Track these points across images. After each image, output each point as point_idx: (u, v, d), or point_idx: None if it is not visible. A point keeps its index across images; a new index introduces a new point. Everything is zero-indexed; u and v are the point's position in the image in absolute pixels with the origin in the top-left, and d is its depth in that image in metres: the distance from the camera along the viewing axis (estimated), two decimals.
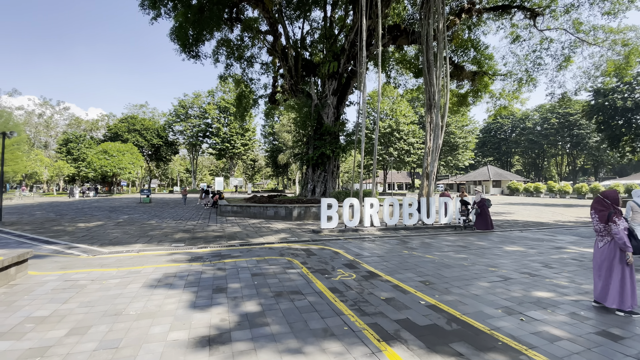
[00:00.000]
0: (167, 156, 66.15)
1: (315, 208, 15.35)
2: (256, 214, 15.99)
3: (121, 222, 13.73)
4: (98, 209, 21.21)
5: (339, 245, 8.87)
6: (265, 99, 31.48)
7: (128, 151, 49.96)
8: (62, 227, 11.98)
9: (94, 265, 6.44)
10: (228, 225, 12.93)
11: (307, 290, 5.04)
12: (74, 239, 9.54)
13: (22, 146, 37.53)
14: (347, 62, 20.06)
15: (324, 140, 20.20)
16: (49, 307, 4.17)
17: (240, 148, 60.79)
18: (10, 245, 8.36)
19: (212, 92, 62.64)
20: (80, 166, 47.96)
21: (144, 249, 8.08)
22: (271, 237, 10.03)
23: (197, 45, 22.27)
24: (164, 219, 15.04)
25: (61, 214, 17.64)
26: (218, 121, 61.20)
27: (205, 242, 9.22)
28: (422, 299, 4.71)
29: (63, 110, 61.65)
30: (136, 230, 11.50)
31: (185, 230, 11.43)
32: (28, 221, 13.72)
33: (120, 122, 61.19)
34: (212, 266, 6.42)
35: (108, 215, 16.94)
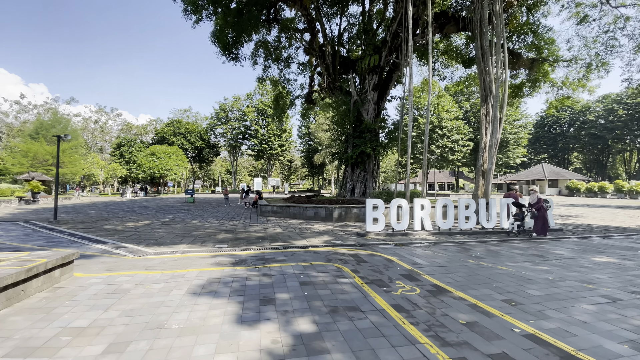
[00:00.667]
0: (209, 158, 69.00)
1: (357, 209, 14.58)
2: (296, 215, 15.57)
3: (167, 222, 14.02)
4: (146, 208, 22.23)
5: (391, 251, 8.03)
6: (301, 99, 31.28)
7: (174, 153, 52.74)
8: (113, 226, 12.42)
9: (138, 267, 6.26)
10: (269, 226, 12.61)
11: (366, 306, 4.32)
12: (122, 238, 9.71)
13: (79, 150, 41.07)
14: (389, 55, 19.00)
15: (364, 138, 19.33)
16: (89, 316, 3.89)
17: (278, 149, 61.64)
18: (61, 244, 8.64)
19: (251, 95, 64.24)
20: (132, 168, 51.52)
21: (188, 250, 7.89)
22: (314, 240, 9.45)
23: (236, 48, 22.56)
24: (207, 219, 15.16)
25: (113, 213, 18.64)
26: (256, 123, 62.61)
27: (248, 243, 8.87)
28: (514, 325, 3.78)
29: (116, 117, 66.98)
30: (180, 229, 11.56)
31: (228, 231, 11.26)
32: (82, 220, 14.51)
33: (166, 126, 64.97)
34: (257, 271, 5.94)
35: (155, 214, 17.55)
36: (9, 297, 4.09)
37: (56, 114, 45.46)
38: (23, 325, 3.57)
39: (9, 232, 10.67)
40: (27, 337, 3.28)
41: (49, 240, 9.12)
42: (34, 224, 12.71)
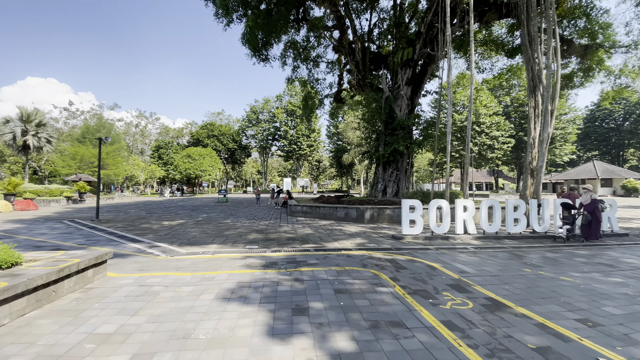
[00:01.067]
0: (241, 159, 70.77)
1: (390, 210, 13.88)
2: (326, 215, 15.17)
3: (200, 221, 14.20)
4: (182, 207, 22.94)
5: (432, 257, 7.35)
6: (330, 99, 30.92)
7: (208, 155, 54.59)
8: (149, 225, 12.75)
9: (170, 267, 6.15)
10: (299, 227, 12.30)
11: (412, 322, 3.78)
12: (157, 237, 9.83)
13: (121, 152, 43.67)
14: (423, 47, 18.04)
15: (397, 135, 18.53)
16: (117, 321, 3.71)
17: (306, 149, 61.79)
18: (99, 242, 8.88)
19: (280, 97, 64.99)
20: (169, 169, 54.02)
21: (219, 251, 7.74)
22: (347, 242, 8.97)
23: (266, 49, 22.67)
24: (238, 218, 15.21)
25: (151, 212, 19.36)
26: (286, 124, 63.23)
27: (278, 244, 8.59)
28: (598, 353, 3.08)
29: (155, 121, 70.62)
30: (213, 229, 11.58)
31: (259, 231, 11.10)
32: (121, 219, 15.11)
33: (201, 129, 67.50)
34: (289, 275, 5.59)
35: (190, 214, 17.96)
36: (39, 299, 4.04)
37: (101, 119, 48.76)
38: (49, 329, 3.45)
39: (54, 230, 11.26)
40: (50, 343, 3.13)
41: (89, 239, 9.43)
42: (78, 223, 13.39)
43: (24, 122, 36.99)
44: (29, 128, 37.15)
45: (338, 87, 28.47)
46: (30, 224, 13.02)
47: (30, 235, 9.94)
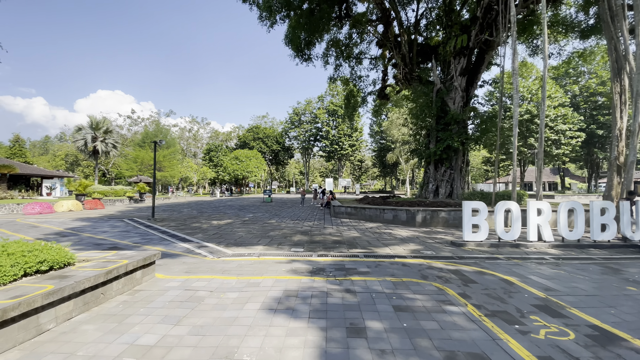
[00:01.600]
0: (284, 160, 72.16)
1: (445, 213, 12.69)
2: (372, 217, 14.38)
3: (246, 221, 14.29)
4: (230, 207, 23.64)
5: (504, 268, 6.30)
6: (374, 96, 29.91)
7: (254, 157, 56.43)
8: (199, 224, 13.07)
9: (216, 270, 5.94)
10: (344, 229, 11.71)
11: (499, 355, 2.99)
12: (206, 237, 9.91)
13: (176, 155, 46.81)
14: (479, 33, 16.42)
15: (450, 130, 17.08)
16: (159, 330, 3.44)
17: (348, 149, 60.99)
18: (152, 241, 9.12)
19: (322, 97, 65.04)
20: (219, 171, 56.79)
21: (264, 253, 7.46)
22: (399, 248, 8.18)
23: (308, 48, 22.52)
24: (283, 219, 15.07)
25: (202, 211, 20.14)
26: (327, 124, 63.10)
27: (324, 248, 8.09)
28: None
29: (206, 125, 74.94)
30: (258, 229, 11.47)
31: (303, 232, 10.72)
32: (175, 218, 15.79)
33: (247, 132, 70.12)
34: (338, 285, 5.03)
35: (237, 213, 18.32)
36: (87, 301, 3.95)
37: (158, 125, 52.82)
38: (92, 337, 3.28)
39: (114, 228, 11.99)
40: (90, 355, 2.91)
41: (144, 237, 9.79)
42: (136, 221, 14.21)
43: (93, 130, 41.30)
44: (97, 135, 41.38)
45: (382, 83, 27.39)
46: (95, 222, 14.10)
47: (93, 233, 10.63)
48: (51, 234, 10.43)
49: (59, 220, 14.99)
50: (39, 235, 10.25)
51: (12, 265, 3.72)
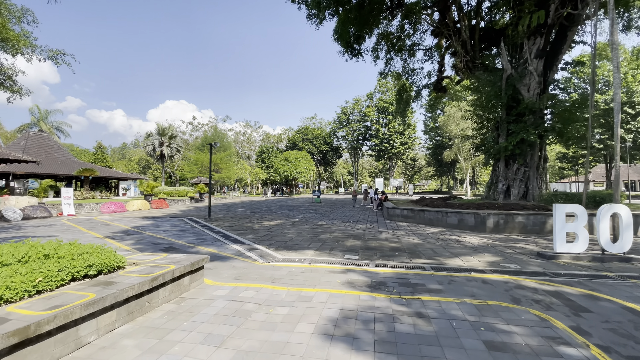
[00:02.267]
0: (333, 160, 71.92)
1: (523, 217, 10.91)
2: (433, 221, 13.02)
3: (296, 222, 13.95)
4: (281, 207, 23.79)
5: (623, 291, 4.83)
6: (429, 89, 27.89)
7: (302, 157, 57.08)
8: (251, 225, 13.04)
9: (265, 277, 5.47)
10: (402, 234, 10.65)
11: None
12: (257, 238, 9.67)
13: (232, 158, 49.14)
14: (561, 7, 14.01)
15: (524, 122, 14.88)
16: (199, 354, 2.96)
17: (400, 147, 58.39)
18: (206, 242, 9.10)
19: (371, 95, 63.34)
20: (270, 172, 58.52)
21: (316, 259, 6.85)
22: (473, 260, 6.96)
23: (358, 43, 21.71)
24: (333, 221, 14.45)
25: (254, 211, 20.47)
26: (377, 122, 61.26)
27: (382, 256, 7.22)
28: None
29: (258, 129, 77.98)
30: (309, 231, 10.98)
31: (356, 236, 9.94)
32: (229, 218, 16.10)
33: (296, 133, 71.33)
34: (406, 306, 4.17)
35: (287, 214, 18.20)
36: (131, 311, 3.67)
37: (216, 129, 56.12)
38: (130, 355, 2.92)
39: (173, 227, 12.45)
40: None
41: (198, 237, 9.88)
42: (194, 220, 14.73)
43: (160, 136, 45.24)
44: (164, 140, 45.24)
45: (438, 74, 25.34)
46: (158, 221, 14.93)
47: (154, 232, 11.09)
48: (118, 232, 11.11)
49: (128, 218, 16.22)
50: (108, 233, 10.99)
51: (60, 269, 3.56)
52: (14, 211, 15.53)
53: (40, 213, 16.78)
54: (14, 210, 15.55)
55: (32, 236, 10.20)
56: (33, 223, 14.27)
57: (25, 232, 11.12)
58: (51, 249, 3.85)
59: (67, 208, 18.28)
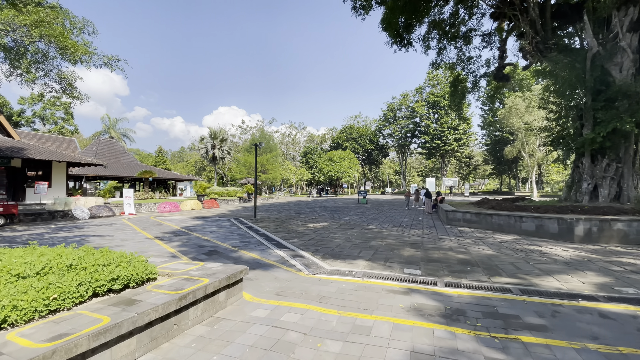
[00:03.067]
0: (378, 159, 69.70)
1: (624, 224, 8.83)
2: (503, 227, 11.23)
3: (343, 225, 13.08)
4: (326, 208, 23.11)
5: None
6: (487, 79, 25.15)
7: (347, 157, 56.03)
8: (296, 227, 12.45)
9: (312, 295, 4.67)
10: (468, 242, 9.18)
11: None
12: (301, 243, 8.98)
13: (278, 159, 49.90)
14: None
15: (615, 108, 12.30)
16: None
17: (453, 144, 54.27)
18: (249, 245, 8.61)
19: (420, 89, 60.00)
20: (314, 172, 58.44)
21: (369, 272, 5.89)
22: (572, 280, 5.45)
23: (408, 31, 20.21)
24: (383, 224, 13.31)
25: (299, 212, 20.04)
26: (427, 118, 57.78)
27: (450, 271, 6.01)
28: None
29: (302, 130, 78.63)
30: (357, 236, 10.03)
31: (413, 244, 8.74)
32: (274, 219, 15.76)
33: (340, 133, 70.47)
34: (502, 351, 3.04)
35: (333, 215, 17.42)
36: (155, 336, 3.09)
37: (263, 132, 57.57)
38: None
39: (220, 228, 12.35)
40: None
41: (243, 240, 9.49)
42: (240, 221, 14.63)
43: (212, 139, 47.53)
44: (215, 143, 47.45)
45: (499, 61, 22.64)
46: (207, 221, 15.10)
47: (201, 233, 11.02)
48: (168, 233, 11.24)
49: (180, 218, 16.74)
50: (158, 233, 11.16)
51: (80, 283, 3.10)
52: (82, 210, 16.89)
53: (105, 212, 18.09)
54: (82, 210, 16.91)
55: (91, 235, 10.71)
56: (97, 222, 15.31)
57: (87, 231, 11.79)
58: (76, 257, 3.44)
59: (128, 208, 19.54)
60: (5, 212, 13.75)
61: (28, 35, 9.02)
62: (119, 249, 8.42)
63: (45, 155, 19.39)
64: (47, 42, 9.33)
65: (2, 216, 13.69)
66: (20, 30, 9.15)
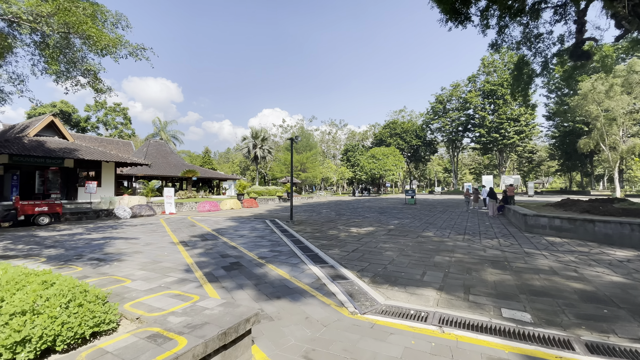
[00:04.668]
0: (426, 156, 65.26)
1: None
2: (612, 238, 8.39)
3: (393, 231, 11.06)
4: (369, 209, 21.09)
5: None
6: (561, 57, 21.07)
7: (391, 154, 52.95)
8: (336, 232, 10.72)
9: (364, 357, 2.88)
10: (572, 260, 6.68)
11: None
12: (343, 255, 7.22)
13: (318, 157, 48.58)
14: None
15: None
16: None
17: (514, 137, 48.27)
18: (280, 256, 7.05)
19: (474, 77, 54.61)
20: (356, 170, 56.23)
21: (448, 314, 3.93)
22: None
23: (465, 4, 17.35)
24: (442, 230, 11.03)
25: (340, 213, 18.29)
26: (482, 109, 52.32)
27: (575, 314, 3.84)
28: None
29: (343, 127, 76.65)
30: (414, 247, 8.00)
31: (495, 263, 6.49)
32: (312, 221, 14.18)
33: (383, 129, 67.26)
34: None
35: (378, 218, 15.42)
36: None
37: (303, 130, 56.78)
38: None
39: (253, 232, 11.06)
40: None
41: (273, 249, 8.00)
42: (276, 223, 13.29)
43: (254, 138, 47.72)
44: (257, 142, 47.58)
45: (577, 36, 18.68)
46: (242, 222, 14.02)
47: (230, 237, 9.79)
48: (196, 236, 10.20)
49: (216, 218, 15.95)
50: (186, 236, 10.17)
51: None
52: (124, 210, 16.87)
53: (146, 211, 18.01)
54: (124, 209, 16.90)
55: (118, 238, 10.02)
56: (135, 221, 15.04)
57: (118, 232, 11.24)
58: None
59: (169, 207, 19.37)
60: (50, 211, 13.93)
61: (49, 24, 8.45)
62: (136, 255, 7.49)
63: (95, 155, 19.96)
64: (66, 31, 8.70)
65: (47, 215, 13.87)
66: (43, 20, 8.60)
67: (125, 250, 7.88)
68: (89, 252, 7.78)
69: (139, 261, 6.71)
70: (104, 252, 7.68)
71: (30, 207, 13.43)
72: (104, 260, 6.85)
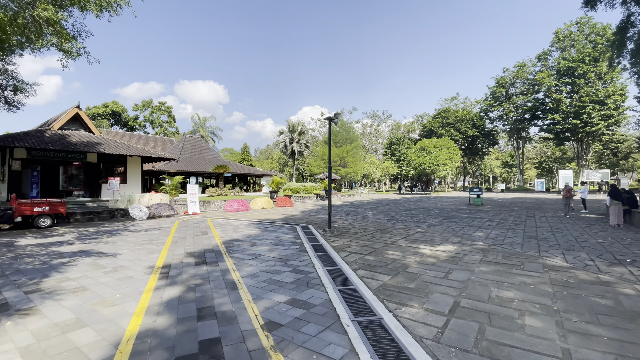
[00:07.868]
0: (484, 149, 57.81)
1: None
2: None
3: (488, 253, 7.10)
4: (427, 211, 16.95)
5: None
6: None
7: (444, 146, 47.07)
8: (400, 255, 7.01)
9: None
10: None
11: None
12: (426, 312, 3.58)
13: (359, 151, 44.53)
14: None
15: None
16: None
17: (599, 123, 39.63)
18: (303, 325, 3.50)
19: (544, 55, 46.34)
20: (402, 165, 51.13)
21: None
22: None
23: None
24: (570, 253, 6.82)
25: (391, 216, 14.52)
26: (556, 91, 44.09)
27: None
28: None
29: (387, 119, 71.31)
30: (534, 288, 4.08)
31: None
32: (357, 230, 10.58)
33: (433, 118, 60.97)
34: None
35: (448, 225, 11.42)
36: None
37: (343, 122, 52.99)
38: None
39: (276, 246, 7.80)
40: None
41: (295, 295, 4.60)
42: (308, 232, 9.94)
43: (290, 132, 45.10)
44: (293, 137, 44.89)
45: None
46: (267, 229, 10.94)
47: (238, 260, 6.60)
48: (194, 254, 7.21)
49: (239, 222, 13.11)
50: (182, 254, 7.20)
51: None
52: (140, 209, 14.73)
53: (166, 211, 15.78)
54: (140, 209, 14.76)
55: (96, 254, 7.34)
56: (147, 224, 12.70)
57: (105, 243, 8.69)
58: None
59: (192, 206, 17.05)
60: (52, 211, 12.00)
61: None
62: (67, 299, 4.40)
63: (118, 149, 18.29)
64: None
65: (49, 216, 11.97)
66: None
67: (64, 286, 5.02)
68: (6, 284, 5.05)
69: (48, 319, 3.71)
70: (26, 288, 4.88)
71: (28, 207, 11.58)
72: (3, 306, 3.98)
